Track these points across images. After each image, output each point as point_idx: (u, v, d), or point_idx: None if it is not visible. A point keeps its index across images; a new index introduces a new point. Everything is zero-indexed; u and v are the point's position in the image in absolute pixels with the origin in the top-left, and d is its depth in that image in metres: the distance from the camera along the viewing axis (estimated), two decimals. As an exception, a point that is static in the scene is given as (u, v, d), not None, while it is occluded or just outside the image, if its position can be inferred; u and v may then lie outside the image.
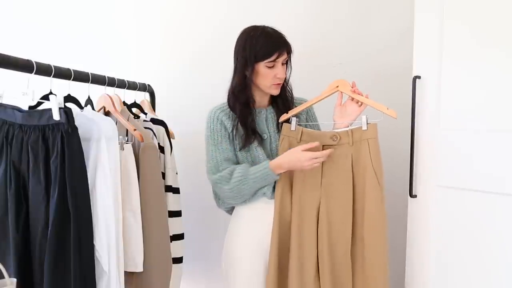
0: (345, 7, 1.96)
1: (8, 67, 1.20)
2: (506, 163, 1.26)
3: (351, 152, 1.39)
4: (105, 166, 1.30)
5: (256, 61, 1.44)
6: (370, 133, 1.37)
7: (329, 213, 1.39)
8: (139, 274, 1.43)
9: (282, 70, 1.47)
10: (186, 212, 1.79)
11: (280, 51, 1.44)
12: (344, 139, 1.41)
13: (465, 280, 1.35)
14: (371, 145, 1.36)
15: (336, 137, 1.41)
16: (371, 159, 1.36)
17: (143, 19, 2.28)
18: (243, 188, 1.44)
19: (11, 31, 2.43)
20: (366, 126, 1.38)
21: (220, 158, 1.50)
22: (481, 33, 1.32)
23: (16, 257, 1.26)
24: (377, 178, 1.35)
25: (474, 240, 1.33)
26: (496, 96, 1.29)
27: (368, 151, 1.36)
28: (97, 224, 1.29)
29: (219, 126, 1.52)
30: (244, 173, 1.44)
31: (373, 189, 1.35)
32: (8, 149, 1.30)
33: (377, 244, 1.35)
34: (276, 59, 1.44)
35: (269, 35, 1.46)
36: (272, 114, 1.56)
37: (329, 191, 1.40)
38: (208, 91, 1.67)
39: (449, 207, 1.38)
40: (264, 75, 1.46)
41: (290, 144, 1.46)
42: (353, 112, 1.45)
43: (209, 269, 2.13)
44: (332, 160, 1.40)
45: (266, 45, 1.44)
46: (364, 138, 1.38)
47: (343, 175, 1.39)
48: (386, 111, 1.38)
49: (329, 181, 1.41)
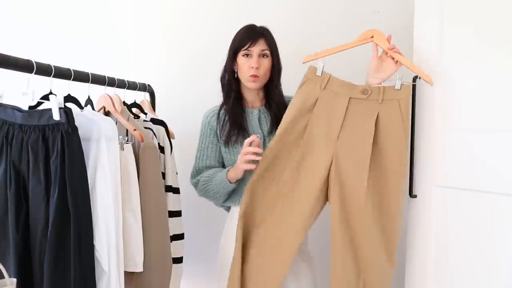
0: (344, 7, 1.96)
1: (8, 67, 1.20)
2: (506, 163, 1.26)
3: (378, 110, 1.32)
4: (105, 166, 1.30)
5: (235, 52, 1.51)
6: (403, 94, 1.31)
7: (342, 168, 1.32)
8: (139, 274, 1.43)
9: (257, 60, 1.48)
10: (186, 212, 1.79)
11: (253, 39, 1.48)
12: (374, 95, 1.32)
13: (466, 280, 1.35)
14: (402, 105, 1.30)
15: (367, 90, 1.32)
16: (403, 119, 1.29)
17: (142, 19, 2.28)
18: (209, 191, 1.51)
19: (11, 31, 2.43)
20: (399, 85, 1.31)
21: (202, 165, 1.56)
22: (481, 33, 1.32)
23: (16, 257, 1.26)
24: (406, 140, 1.29)
25: (474, 240, 1.33)
26: (496, 96, 1.29)
27: (399, 111, 1.30)
28: (97, 224, 1.28)
29: (208, 132, 1.57)
30: (210, 178, 1.50)
31: (399, 149, 1.28)
32: (8, 149, 1.30)
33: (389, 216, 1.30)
34: (250, 47, 1.47)
35: (247, 28, 1.53)
36: (265, 114, 1.56)
37: (346, 144, 1.32)
38: (208, 91, 1.67)
39: (449, 207, 1.38)
40: (242, 66, 1.50)
41: (312, 89, 1.35)
42: (388, 68, 1.37)
43: (209, 269, 2.12)
44: (355, 114, 1.33)
45: (243, 35, 1.50)
46: (395, 98, 1.31)
47: (364, 131, 1.31)
48: (424, 76, 1.31)
49: (347, 135, 1.32)
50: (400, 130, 1.30)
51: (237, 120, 1.51)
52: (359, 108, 1.33)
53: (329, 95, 1.36)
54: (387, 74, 1.38)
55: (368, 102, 1.33)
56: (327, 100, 1.36)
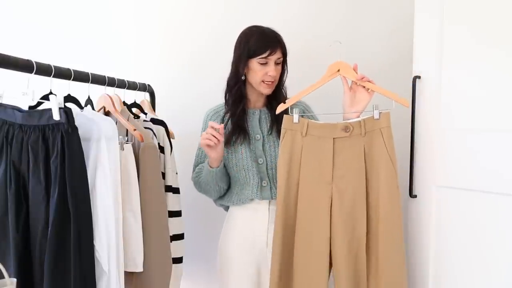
0: (344, 6, 1.96)
1: (8, 67, 1.20)
2: (506, 163, 1.26)
3: (363, 143, 1.33)
4: (105, 166, 1.30)
5: (249, 57, 1.47)
6: (383, 122, 1.31)
7: (342, 207, 1.32)
8: (139, 274, 1.43)
9: (275, 69, 1.47)
10: (186, 212, 1.79)
11: (273, 48, 1.46)
12: (356, 130, 1.33)
13: (466, 280, 1.35)
14: (385, 134, 1.31)
15: (348, 128, 1.33)
16: (387, 148, 1.30)
17: (143, 19, 2.28)
18: (201, 183, 1.55)
19: (11, 31, 2.42)
20: (378, 115, 1.31)
21: (201, 162, 1.59)
22: (481, 32, 1.32)
23: (16, 257, 1.26)
24: (394, 167, 1.29)
25: (474, 240, 1.33)
26: (496, 96, 1.29)
27: (382, 140, 1.30)
28: (97, 224, 1.28)
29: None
30: (200, 170, 1.55)
31: (390, 178, 1.29)
32: (8, 149, 1.29)
33: (393, 238, 1.30)
34: (269, 56, 1.45)
35: (264, 33, 1.49)
36: (266, 115, 1.57)
37: (341, 185, 1.33)
38: (208, 91, 1.67)
39: (449, 207, 1.38)
40: (256, 71, 1.48)
41: (294, 139, 1.37)
42: (362, 99, 1.38)
43: (209, 269, 2.12)
44: (343, 152, 1.34)
45: (260, 42, 1.47)
46: (376, 127, 1.32)
47: (356, 168, 1.33)
48: (398, 99, 1.32)
49: (341, 175, 1.34)
50: (386, 159, 1.31)
51: (239, 122, 1.52)
52: (345, 146, 1.34)
53: (312, 140, 1.37)
54: (362, 105, 1.38)
55: (352, 138, 1.34)
56: (312, 146, 1.37)
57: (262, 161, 1.52)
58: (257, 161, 1.52)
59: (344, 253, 1.32)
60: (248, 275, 1.51)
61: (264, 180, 1.51)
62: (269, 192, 1.51)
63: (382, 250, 1.31)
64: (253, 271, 1.51)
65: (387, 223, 1.30)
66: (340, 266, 1.32)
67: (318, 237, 1.34)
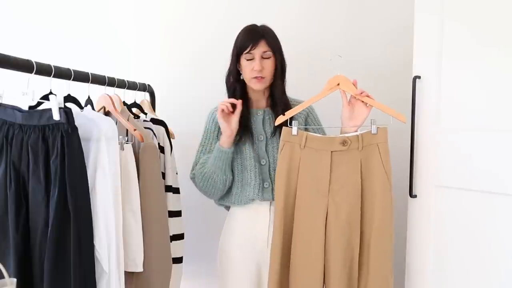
0: (344, 6, 1.96)
1: (8, 67, 1.20)
2: (506, 163, 1.26)
3: (360, 158, 1.34)
4: (105, 166, 1.30)
5: (238, 54, 1.50)
6: (380, 137, 1.33)
7: (338, 220, 1.33)
8: (139, 274, 1.43)
9: (259, 63, 1.47)
10: (186, 212, 1.79)
11: (255, 42, 1.47)
12: (353, 144, 1.35)
13: (465, 280, 1.35)
14: (381, 149, 1.32)
15: (346, 142, 1.35)
16: (383, 163, 1.32)
17: (143, 19, 2.28)
18: (206, 174, 1.49)
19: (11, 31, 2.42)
20: (376, 130, 1.33)
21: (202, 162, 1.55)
22: (481, 32, 1.32)
23: (16, 257, 1.26)
24: (389, 182, 1.31)
25: (474, 240, 1.33)
26: (496, 96, 1.29)
27: (379, 155, 1.32)
28: (97, 224, 1.28)
29: (213, 128, 1.57)
30: (206, 160, 1.52)
31: (384, 193, 1.31)
32: (8, 149, 1.29)
33: (383, 251, 1.32)
34: (251, 50, 1.47)
35: (248, 29, 1.52)
36: (269, 116, 1.56)
37: (337, 198, 1.35)
38: (208, 91, 1.67)
39: (449, 207, 1.38)
40: (244, 67, 1.50)
41: (292, 151, 1.37)
42: (361, 113, 1.39)
43: (209, 269, 2.12)
44: (340, 166, 1.35)
45: (244, 37, 1.50)
46: (373, 142, 1.33)
47: (352, 182, 1.34)
48: (396, 115, 1.34)
49: (337, 188, 1.35)
50: (382, 173, 1.32)
51: (243, 121, 1.51)
52: (342, 160, 1.35)
53: (310, 152, 1.37)
54: (361, 119, 1.38)
55: (350, 152, 1.35)
56: (310, 158, 1.37)
57: (264, 162, 1.52)
58: (259, 161, 1.52)
59: (338, 266, 1.33)
60: (248, 275, 1.51)
61: (266, 182, 1.51)
62: (270, 193, 1.51)
63: (373, 264, 1.33)
64: (253, 271, 1.51)
65: (379, 237, 1.32)
66: (334, 280, 1.33)
67: (314, 247, 1.35)
